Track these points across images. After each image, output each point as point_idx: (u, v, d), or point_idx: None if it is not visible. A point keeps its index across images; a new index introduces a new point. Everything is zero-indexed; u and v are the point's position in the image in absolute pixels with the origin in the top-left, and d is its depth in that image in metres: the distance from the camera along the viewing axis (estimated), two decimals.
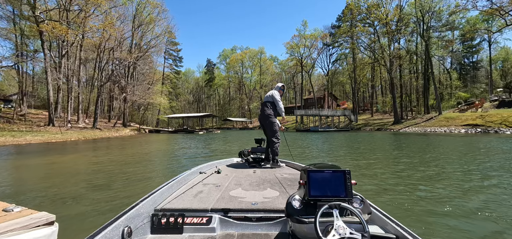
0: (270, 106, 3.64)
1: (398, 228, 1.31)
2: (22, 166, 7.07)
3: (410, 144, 12.58)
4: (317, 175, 1.36)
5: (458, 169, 5.57)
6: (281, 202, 1.78)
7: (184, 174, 2.48)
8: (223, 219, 1.63)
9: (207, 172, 2.84)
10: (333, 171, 1.38)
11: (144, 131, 35.30)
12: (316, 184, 1.35)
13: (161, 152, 10.81)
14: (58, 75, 25.58)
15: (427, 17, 34.54)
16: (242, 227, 1.60)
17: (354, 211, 1.20)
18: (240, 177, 2.69)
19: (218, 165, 3.38)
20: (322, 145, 13.02)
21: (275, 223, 1.59)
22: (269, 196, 1.97)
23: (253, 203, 1.78)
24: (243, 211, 1.68)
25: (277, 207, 1.70)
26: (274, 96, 3.65)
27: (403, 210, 3.08)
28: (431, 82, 36.94)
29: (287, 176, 2.73)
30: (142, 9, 36.30)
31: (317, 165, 1.51)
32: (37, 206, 3.05)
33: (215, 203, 1.78)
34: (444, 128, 26.33)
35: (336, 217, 1.17)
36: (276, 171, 3.07)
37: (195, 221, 1.59)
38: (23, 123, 23.30)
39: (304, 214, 1.31)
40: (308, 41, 55.55)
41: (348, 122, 43.28)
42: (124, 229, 1.32)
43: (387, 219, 1.44)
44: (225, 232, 1.57)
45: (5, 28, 27.02)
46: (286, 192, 2.07)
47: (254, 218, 1.62)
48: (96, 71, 33.98)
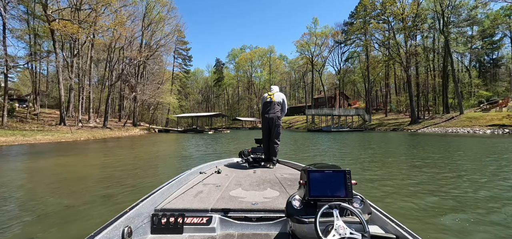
0: (279, 109, 3.59)
1: (398, 228, 1.30)
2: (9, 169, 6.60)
3: (441, 146, 11.51)
4: (317, 175, 1.36)
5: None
6: (281, 202, 1.76)
7: (184, 174, 2.45)
8: (223, 219, 1.61)
9: (207, 172, 2.82)
10: (333, 171, 1.37)
11: (154, 131, 35.18)
12: (316, 184, 1.34)
13: (170, 153, 10.25)
14: (70, 74, 25.67)
15: (447, 11, 32.78)
16: (242, 227, 1.59)
17: (354, 211, 1.19)
18: (240, 177, 2.67)
19: (218, 165, 3.36)
20: (344, 148, 12.13)
21: (275, 223, 1.58)
22: (269, 196, 1.95)
23: (253, 203, 1.76)
24: (243, 211, 1.67)
25: (277, 207, 1.69)
26: (285, 102, 3.67)
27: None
28: (451, 80, 35.15)
29: (287, 176, 2.70)
30: (152, 8, 36.20)
31: (317, 165, 1.50)
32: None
33: (215, 203, 1.76)
34: (467, 128, 24.77)
35: (336, 217, 1.16)
36: (276, 171, 3.02)
37: (195, 221, 1.58)
38: (36, 122, 23.43)
39: (304, 214, 1.31)
40: (319, 39, 54.31)
41: (361, 122, 41.88)
42: (124, 229, 1.30)
43: (387, 219, 1.42)
44: (225, 232, 1.56)
45: (19, 29, 27.45)
46: (286, 192, 2.05)
47: (254, 218, 1.61)
48: (107, 71, 34.12)
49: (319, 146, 12.77)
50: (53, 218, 2.91)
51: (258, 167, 3.36)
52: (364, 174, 5.32)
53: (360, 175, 5.19)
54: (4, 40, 20.29)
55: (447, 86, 36.68)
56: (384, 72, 46.90)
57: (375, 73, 46.18)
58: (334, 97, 60.59)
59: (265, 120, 3.59)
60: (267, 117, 3.56)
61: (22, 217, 2.96)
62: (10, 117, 21.59)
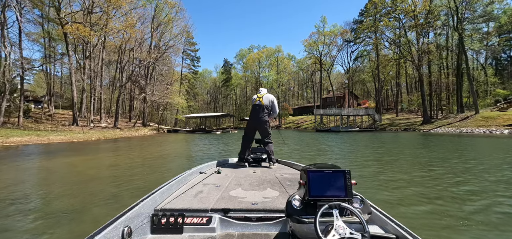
0: (267, 112, 3.66)
1: (398, 228, 1.29)
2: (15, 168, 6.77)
3: (460, 147, 11.09)
4: (317, 175, 1.36)
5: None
6: (281, 202, 1.76)
7: (184, 174, 2.44)
8: (223, 219, 1.61)
9: (207, 172, 2.82)
10: (333, 171, 1.37)
11: (163, 131, 35.66)
12: (316, 184, 1.34)
13: (179, 153, 10.32)
14: (82, 76, 26.35)
15: (461, 8, 31.67)
16: (242, 227, 1.58)
17: (354, 211, 1.19)
18: (240, 177, 2.66)
19: (218, 165, 3.37)
20: (352, 149, 11.89)
21: (275, 223, 1.58)
22: (269, 196, 1.94)
23: (253, 203, 1.76)
24: (243, 211, 1.66)
25: (277, 207, 1.68)
26: (275, 104, 3.72)
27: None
28: (465, 78, 33.93)
29: (287, 176, 2.68)
30: (161, 10, 36.70)
31: (317, 165, 1.50)
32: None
33: (215, 203, 1.76)
34: (483, 128, 23.84)
35: (336, 217, 1.16)
36: (276, 171, 3.02)
37: (195, 221, 1.57)
38: (50, 122, 24.19)
39: (304, 214, 1.31)
40: (328, 38, 53.63)
41: (371, 122, 41.06)
42: (124, 229, 1.29)
43: (387, 219, 1.41)
44: (225, 232, 1.56)
45: (34, 32, 28.43)
46: (286, 192, 2.05)
47: (254, 218, 1.60)
48: (118, 72, 34.84)
49: (327, 146, 12.55)
50: (61, 216, 2.94)
51: (258, 167, 3.36)
52: (378, 177, 5.15)
53: (373, 180, 5.03)
54: (20, 43, 21.04)
55: (462, 84, 35.42)
56: (395, 71, 45.81)
57: (385, 72, 45.20)
58: (343, 97, 59.70)
59: (251, 121, 3.68)
60: (254, 119, 3.65)
61: (34, 213, 3.01)
62: (25, 118, 22.38)
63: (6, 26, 19.74)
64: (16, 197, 3.82)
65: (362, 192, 1.79)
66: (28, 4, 20.17)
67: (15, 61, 20.87)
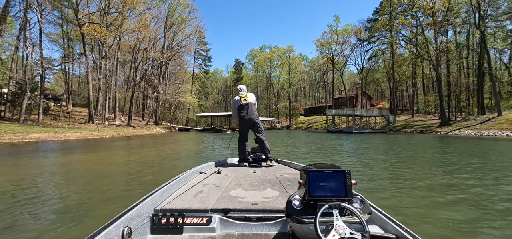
0: (256, 109, 3.74)
1: (398, 228, 1.29)
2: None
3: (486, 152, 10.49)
4: (317, 175, 1.36)
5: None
6: (281, 202, 1.76)
7: (184, 174, 2.43)
8: (223, 219, 1.61)
9: (207, 172, 2.81)
10: (333, 171, 1.37)
11: (175, 129, 36.24)
12: (316, 184, 1.34)
13: (191, 152, 10.37)
14: (99, 75, 27.20)
15: (484, 4, 30.09)
16: (242, 227, 1.58)
17: (354, 211, 1.19)
18: (240, 177, 2.65)
19: (218, 165, 3.35)
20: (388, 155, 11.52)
21: (275, 223, 1.57)
22: (269, 196, 1.94)
23: (253, 203, 1.76)
24: (243, 211, 1.66)
25: (277, 207, 1.68)
26: (255, 101, 3.82)
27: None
28: (487, 78, 32.23)
29: (287, 176, 2.67)
30: (174, 10, 37.29)
31: (317, 165, 1.50)
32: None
33: (215, 203, 1.76)
34: (507, 131, 22.55)
35: (336, 217, 1.16)
36: (276, 171, 3.01)
37: (195, 221, 1.57)
38: (68, 120, 25.12)
39: (304, 214, 1.31)
40: (340, 37, 52.60)
41: (385, 123, 39.91)
42: (124, 229, 1.29)
43: (387, 219, 1.41)
44: (225, 232, 1.56)
45: (54, 33, 29.64)
46: (286, 192, 2.04)
47: (254, 218, 1.60)
48: (132, 72, 35.76)
49: (340, 148, 12.24)
50: (71, 211, 2.96)
51: (258, 167, 3.36)
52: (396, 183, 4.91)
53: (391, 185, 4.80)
54: (40, 44, 21.93)
55: (483, 85, 33.64)
56: (411, 70, 44.19)
57: (400, 72, 43.67)
58: (356, 97, 58.43)
59: (244, 121, 3.67)
60: (247, 118, 3.64)
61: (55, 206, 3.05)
62: (45, 115, 23.34)
63: (29, 27, 20.67)
64: (30, 192, 3.90)
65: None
66: (48, 6, 20.99)
67: (36, 60, 21.81)
